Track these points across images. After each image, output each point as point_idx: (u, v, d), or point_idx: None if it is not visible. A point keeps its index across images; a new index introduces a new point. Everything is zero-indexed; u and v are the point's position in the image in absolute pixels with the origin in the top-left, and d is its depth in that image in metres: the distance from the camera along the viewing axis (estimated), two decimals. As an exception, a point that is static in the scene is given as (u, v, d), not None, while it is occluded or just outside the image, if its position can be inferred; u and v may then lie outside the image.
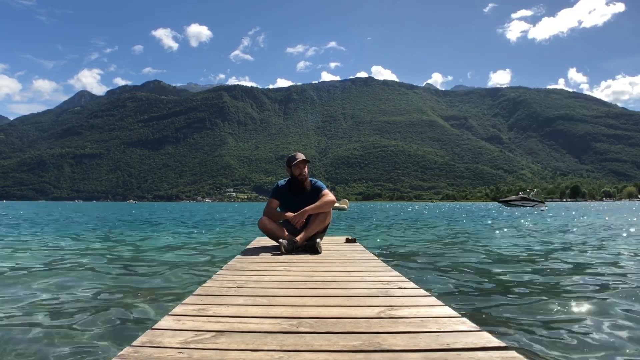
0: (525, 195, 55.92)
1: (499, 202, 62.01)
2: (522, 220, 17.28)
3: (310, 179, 3.70)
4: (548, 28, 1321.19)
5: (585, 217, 20.04)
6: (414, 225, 14.36)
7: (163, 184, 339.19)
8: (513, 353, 1.11)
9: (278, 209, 3.68)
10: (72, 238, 9.24)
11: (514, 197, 56.04)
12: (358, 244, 4.10)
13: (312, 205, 3.46)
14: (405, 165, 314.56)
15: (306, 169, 3.62)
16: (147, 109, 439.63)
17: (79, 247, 7.46)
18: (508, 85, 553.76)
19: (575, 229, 11.93)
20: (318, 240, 3.33)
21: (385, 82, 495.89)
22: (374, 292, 1.84)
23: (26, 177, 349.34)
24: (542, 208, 43.68)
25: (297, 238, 3.32)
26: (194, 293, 1.81)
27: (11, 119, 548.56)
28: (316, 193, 3.60)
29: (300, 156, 3.60)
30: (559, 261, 5.54)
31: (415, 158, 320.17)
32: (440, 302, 1.65)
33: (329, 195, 3.55)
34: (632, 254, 6.15)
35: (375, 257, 3.05)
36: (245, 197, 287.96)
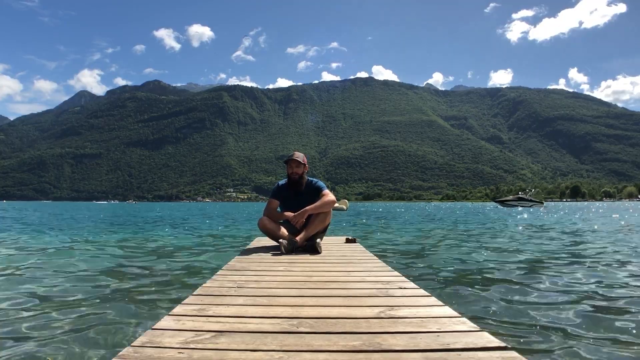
0: (523, 196, 55.98)
1: (495, 202, 62.31)
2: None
3: (310, 178, 3.70)
4: (549, 29, 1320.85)
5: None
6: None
7: (163, 184, 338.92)
8: (513, 353, 1.11)
9: (278, 209, 3.68)
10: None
11: (510, 197, 56.21)
12: (358, 244, 4.09)
13: (312, 205, 3.46)
14: (405, 165, 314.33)
15: (301, 169, 3.62)
16: (147, 109, 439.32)
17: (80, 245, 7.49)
18: (509, 85, 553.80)
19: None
20: (318, 240, 3.33)
21: (386, 82, 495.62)
22: (374, 292, 1.84)
23: (26, 177, 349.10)
24: (541, 208, 43.68)
25: (297, 238, 3.32)
26: (194, 293, 1.81)
27: (11, 119, 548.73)
28: (316, 193, 3.60)
29: (295, 155, 3.63)
30: (561, 262, 5.54)
31: (415, 158, 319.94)
32: (440, 302, 1.65)
33: (329, 195, 3.55)
34: None
35: (375, 257, 3.04)
36: (245, 197, 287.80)
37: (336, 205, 5.43)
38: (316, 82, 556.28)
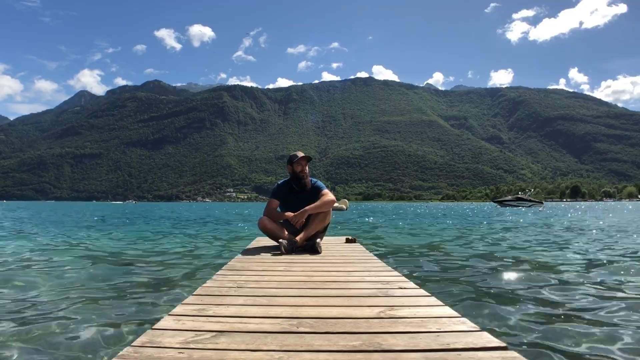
0: (522, 196, 56.11)
1: (494, 202, 62.61)
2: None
3: (310, 178, 3.70)
4: (549, 29, 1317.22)
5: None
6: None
7: (163, 184, 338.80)
8: (513, 353, 1.11)
9: (278, 209, 3.68)
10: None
11: (509, 198, 56.43)
12: (358, 244, 4.10)
13: (312, 205, 3.46)
14: (405, 165, 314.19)
15: (307, 167, 3.65)
16: (147, 109, 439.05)
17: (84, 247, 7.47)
18: (509, 85, 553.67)
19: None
20: (318, 240, 3.34)
21: (385, 82, 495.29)
22: (374, 292, 1.84)
23: (26, 177, 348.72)
24: (540, 208, 43.71)
25: (297, 238, 3.32)
26: (194, 293, 1.81)
27: (11, 119, 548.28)
28: (316, 193, 3.60)
29: (302, 154, 3.64)
30: (560, 262, 5.53)
31: (415, 158, 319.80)
32: (440, 302, 1.64)
33: (328, 195, 3.55)
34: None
35: (375, 257, 3.04)
36: (245, 197, 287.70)
37: (336, 205, 5.43)
38: (316, 82, 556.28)
